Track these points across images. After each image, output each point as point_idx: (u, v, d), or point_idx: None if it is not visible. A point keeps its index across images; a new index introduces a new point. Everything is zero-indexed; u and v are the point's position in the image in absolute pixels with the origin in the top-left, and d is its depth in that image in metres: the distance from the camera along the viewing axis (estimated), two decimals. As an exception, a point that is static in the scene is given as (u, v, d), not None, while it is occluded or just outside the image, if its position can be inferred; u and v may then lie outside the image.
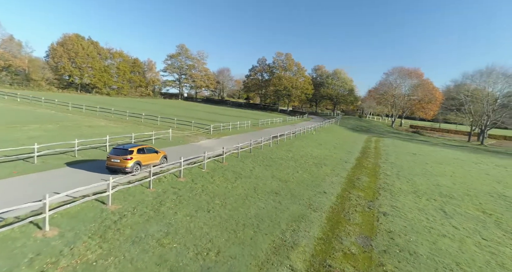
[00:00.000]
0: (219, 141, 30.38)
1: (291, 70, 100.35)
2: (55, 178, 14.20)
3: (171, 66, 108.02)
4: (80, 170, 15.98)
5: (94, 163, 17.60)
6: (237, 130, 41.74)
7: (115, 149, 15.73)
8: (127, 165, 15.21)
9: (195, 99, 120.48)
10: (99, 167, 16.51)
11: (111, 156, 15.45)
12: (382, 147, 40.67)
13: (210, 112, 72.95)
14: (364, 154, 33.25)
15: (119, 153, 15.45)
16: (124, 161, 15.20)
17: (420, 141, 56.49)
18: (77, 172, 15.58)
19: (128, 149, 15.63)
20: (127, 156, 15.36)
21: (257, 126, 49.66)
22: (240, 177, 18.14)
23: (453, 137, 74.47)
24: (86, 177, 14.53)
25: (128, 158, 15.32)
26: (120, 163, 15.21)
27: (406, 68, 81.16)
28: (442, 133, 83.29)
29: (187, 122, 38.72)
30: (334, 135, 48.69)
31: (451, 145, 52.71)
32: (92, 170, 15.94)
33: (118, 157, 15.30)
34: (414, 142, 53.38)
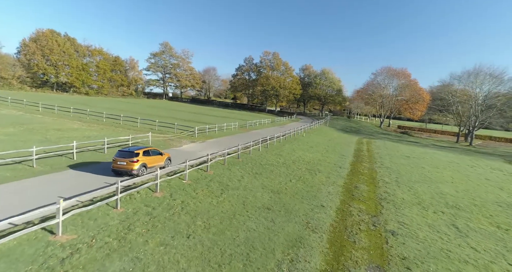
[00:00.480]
0: (204, 145, 28.08)
1: (278, 69, 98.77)
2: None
3: (155, 64, 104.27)
4: (32, 184, 13.40)
5: (54, 176, 15.03)
6: (224, 132, 39.49)
7: (121, 152, 15.77)
8: (133, 167, 15.27)
9: (180, 99, 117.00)
10: (62, 182, 13.99)
11: (117, 158, 15.43)
12: (375, 149, 39.42)
13: (195, 112, 70.24)
14: (357, 157, 31.75)
15: (125, 156, 15.49)
16: (130, 163, 15.27)
17: (410, 142, 55.93)
18: (25, 189, 12.98)
19: (134, 152, 15.73)
20: (133, 159, 15.39)
21: (245, 128, 47.56)
22: (227, 189, 15.98)
23: (440, 137, 74.82)
24: (36, 196, 12.00)
25: (135, 161, 15.37)
26: (126, 166, 15.28)
27: (394, 68, 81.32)
28: (429, 133, 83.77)
29: (170, 124, 36.16)
30: (324, 137, 47.21)
31: (441, 146, 52.33)
32: (50, 185, 13.41)
33: (124, 159, 15.33)
34: (404, 143, 52.68)
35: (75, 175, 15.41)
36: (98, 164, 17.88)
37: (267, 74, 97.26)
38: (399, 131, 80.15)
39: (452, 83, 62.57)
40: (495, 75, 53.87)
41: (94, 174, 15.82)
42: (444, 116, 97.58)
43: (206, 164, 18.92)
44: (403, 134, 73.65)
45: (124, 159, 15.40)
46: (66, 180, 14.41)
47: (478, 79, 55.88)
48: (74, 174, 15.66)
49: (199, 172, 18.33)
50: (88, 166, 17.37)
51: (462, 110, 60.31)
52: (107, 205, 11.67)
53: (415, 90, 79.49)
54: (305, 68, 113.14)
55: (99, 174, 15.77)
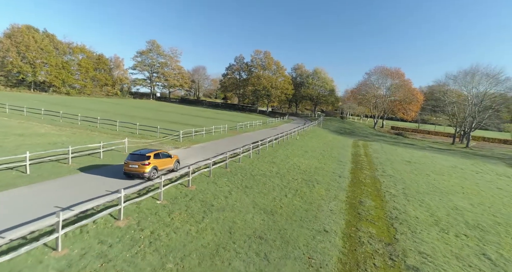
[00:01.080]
0: (189, 152, 25.22)
1: (270, 69, 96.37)
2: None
3: (141, 63, 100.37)
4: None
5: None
6: (212, 135, 36.65)
7: (132, 155, 16.00)
8: (145, 170, 15.49)
9: (168, 99, 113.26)
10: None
11: (128, 161, 15.63)
12: (373, 153, 37.27)
13: (183, 113, 67.06)
14: (356, 163, 29.43)
15: (136, 159, 15.69)
16: (142, 166, 15.47)
17: (407, 144, 54.22)
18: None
19: (146, 155, 15.92)
20: (145, 162, 15.60)
21: (235, 131, 44.79)
22: (210, 210, 13.24)
23: (435, 139, 73.70)
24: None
25: (146, 164, 15.58)
26: (138, 169, 15.47)
27: (387, 68, 79.91)
28: (423, 134, 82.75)
29: (153, 127, 33.06)
30: (319, 140, 44.88)
31: (438, 149, 50.75)
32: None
33: (136, 162, 15.53)
34: (401, 146, 50.88)
35: (19, 196, 12.39)
36: (54, 181, 14.85)
37: (258, 73, 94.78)
38: (393, 132, 78.75)
39: (448, 83, 61.34)
40: (492, 75, 52.68)
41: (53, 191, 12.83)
42: (438, 117, 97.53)
43: (188, 177, 16.11)
44: (398, 135, 72.19)
45: (136, 162, 15.56)
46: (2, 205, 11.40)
47: (474, 79, 54.65)
48: (18, 193, 12.63)
49: (178, 188, 15.51)
50: (43, 182, 14.34)
51: (458, 111, 59.03)
52: (45, 246, 8.75)
53: (409, 90, 78.27)
54: (297, 68, 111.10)
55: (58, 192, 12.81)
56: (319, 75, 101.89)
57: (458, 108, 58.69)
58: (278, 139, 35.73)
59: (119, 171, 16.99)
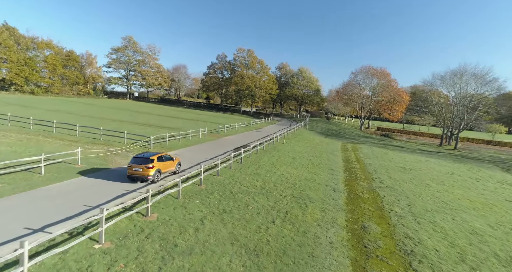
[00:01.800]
0: (158, 163, 21.45)
1: (253, 68, 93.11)
2: None
3: (116, 61, 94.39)
4: None
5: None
6: (189, 141, 32.88)
7: (136, 158, 16.13)
8: (149, 173, 15.67)
9: (147, 99, 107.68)
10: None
11: (132, 165, 15.74)
12: (364, 159, 34.75)
13: (161, 115, 62.58)
14: (350, 172, 26.61)
15: (140, 162, 15.82)
16: (146, 169, 15.61)
17: (396, 147, 52.46)
18: None
19: (149, 158, 16.04)
20: (149, 165, 15.74)
21: (216, 134, 41.15)
22: (171, 255, 9.70)
23: (421, 140, 73.02)
24: None
25: (150, 167, 15.72)
26: (142, 172, 15.62)
27: (373, 67, 78.52)
28: (409, 135, 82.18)
29: (120, 132, 28.89)
30: (306, 144, 42.02)
31: (428, 152, 49.21)
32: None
33: (140, 166, 15.65)
34: (391, 149, 48.95)
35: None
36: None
37: (242, 72, 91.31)
38: (379, 133, 77.49)
39: (435, 83, 60.25)
40: (480, 76, 51.82)
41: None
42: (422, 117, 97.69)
43: (147, 204, 12.41)
44: (385, 137, 70.82)
45: (140, 165, 15.71)
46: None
47: (462, 79, 53.71)
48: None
49: (132, 219, 11.84)
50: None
51: (445, 112, 58.08)
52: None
53: (395, 90, 77.27)
54: (282, 67, 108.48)
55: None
56: (304, 75, 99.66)
57: (445, 109, 57.74)
58: (263, 143, 32.44)
59: (56, 189, 13.11)
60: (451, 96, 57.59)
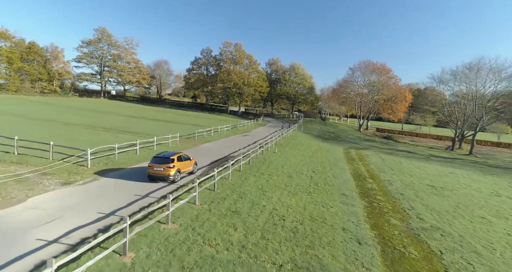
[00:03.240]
0: (82, 195, 13.61)
1: (241, 63, 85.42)
2: None
3: (88, 55, 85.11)
4: None
5: None
6: (151, 152, 25.01)
7: (156, 158, 16.41)
8: (170, 173, 15.97)
9: (125, 98, 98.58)
10: None
11: (153, 164, 16.08)
12: (379, 172, 27.71)
13: (134, 116, 54.27)
14: (368, 198, 19.40)
15: (161, 162, 16.11)
16: (167, 169, 15.92)
17: (404, 152, 45.86)
18: None
19: (170, 158, 16.36)
20: (170, 164, 16.05)
21: (192, 140, 33.41)
22: None
23: (425, 142, 67.01)
24: None
25: (171, 166, 16.04)
26: (163, 172, 15.94)
27: (373, 62, 71.83)
28: (411, 137, 76.21)
29: (45, 144, 20.73)
30: (303, 151, 34.74)
31: (444, 159, 42.74)
32: None
33: (161, 165, 15.96)
34: (400, 155, 42.29)
35: None
36: None
37: (228, 68, 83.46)
38: (380, 135, 71.10)
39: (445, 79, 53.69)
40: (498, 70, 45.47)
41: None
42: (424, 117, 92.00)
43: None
44: (387, 139, 64.37)
45: (161, 165, 15.93)
46: None
47: (479, 74, 47.42)
48: None
49: None
50: None
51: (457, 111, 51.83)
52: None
53: (397, 88, 70.91)
54: (272, 63, 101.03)
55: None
56: (296, 71, 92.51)
57: (458, 109, 51.53)
58: (249, 155, 24.82)
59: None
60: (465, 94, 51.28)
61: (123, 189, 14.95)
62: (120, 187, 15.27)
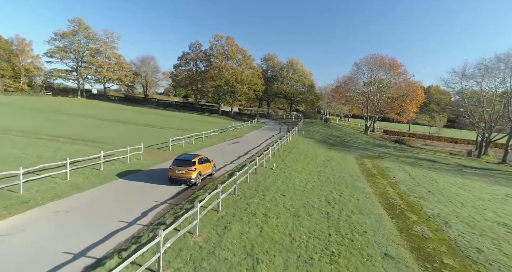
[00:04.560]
0: None
1: (234, 58, 77.56)
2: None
3: (62, 49, 76.54)
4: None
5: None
6: (91, 176, 17.14)
7: (178, 161, 16.37)
8: (192, 176, 15.96)
9: (106, 97, 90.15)
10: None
11: (174, 167, 16.01)
12: (415, 198, 20.28)
13: (105, 119, 46.20)
14: (425, 258, 11.87)
15: (183, 165, 16.09)
16: (189, 172, 15.91)
17: (427, 162, 38.63)
18: None
19: (192, 160, 16.33)
20: (192, 167, 16.02)
21: (164, 152, 25.59)
22: None
23: (440, 146, 59.96)
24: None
25: (193, 169, 16.03)
26: (185, 174, 15.91)
27: (382, 56, 64.29)
28: (423, 140, 69.10)
29: None
30: (309, 165, 27.17)
31: (478, 170, 35.60)
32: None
33: (183, 168, 15.95)
34: (425, 166, 35.03)
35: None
36: None
37: (219, 64, 75.48)
38: (389, 138, 63.77)
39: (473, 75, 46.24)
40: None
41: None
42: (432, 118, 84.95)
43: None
44: (399, 143, 57.04)
45: (183, 167, 15.94)
46: None
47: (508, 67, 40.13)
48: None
49: None
50: None
51: (489, 112, 44.62)
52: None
53: (409, 85, 63.55)
54: (268, 58, 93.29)
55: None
56: (295, 67, 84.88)
57: (489, 109, 44.35)
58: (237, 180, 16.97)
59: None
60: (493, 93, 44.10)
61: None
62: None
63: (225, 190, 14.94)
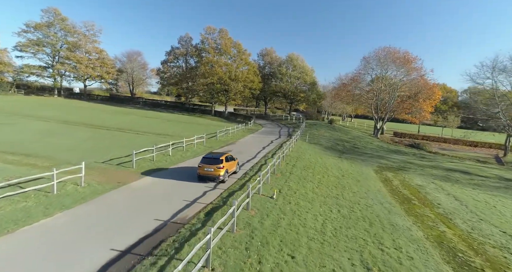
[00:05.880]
0: None
1: (228, 53, 70.33)
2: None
3: (35, 42, 68.96)
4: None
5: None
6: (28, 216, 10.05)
7: (206, 159, 17.07)
8: (220, 173, 16.54)
9: (86, 97, 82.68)
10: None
11: (203, 165, 16.70)
12: (486, 242, 13.68)
13: (70, 122, 39.01)
14: None
15: (211, 162, 16.71)
16: (217, 169, 16.49)
17: (461, 174, 32.02)
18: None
19: (220, 158, 16.94)
20: (220, 165, 16.59)
21: (126, 170, 18.54)
22: None
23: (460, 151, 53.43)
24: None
25: (221, 167, 16.59)
26: (214, 172, 16.52)
27: (396, 49, 57.38)
28: (439, 143, 62.45)
29: None
30: (320, 186, 20.34)
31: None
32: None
33: (212, 166, 16.55)
34: (463, 182, 28.40)
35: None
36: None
37: (211, 59, 68.23)
38: (401, 142, 57.04)
39: (505, 68, 39.65)
40: None
41: None
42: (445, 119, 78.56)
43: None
44: (415, 148, 50.33)
45: (211, 165, 16.54)
46: None
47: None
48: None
49: None
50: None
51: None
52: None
53: (425, 83, 56.77)
54: (265, 54, 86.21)
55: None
56: (295, 63, 77.86)
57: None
58: (209, 238, 10.01)
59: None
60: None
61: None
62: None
63: (200, 251, 7.95)
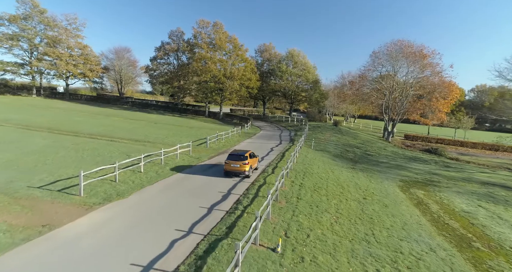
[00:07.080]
0: None
1: (223, 48, 64.49)
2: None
3: (9, 37, 62.85)
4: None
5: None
6: None
7: (232, 156, 18.62)
8: (246, 169, 18.23)
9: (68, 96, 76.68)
10: None
11: (230, 161, 18.30)
12: None
13: (32, 127, 33.24)
14: None
15: (237, 159, 18.32)
16: (243, 165, 18.15)
17: (503, 189, 26.59)
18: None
19: (244, 155, 18.58)
20: (245, 161, 18.24)
21: (71, 199, 12.69)
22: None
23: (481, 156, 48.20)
24: None
25: (247, 163, 18.26)
26: (240, 168, 18.16)
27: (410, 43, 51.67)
28: (455, 147, 57.18)
29: None
30: (339, 221, 14.89)
31: None
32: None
33: (238, 162, 18.19)
34: (508, 201, 22.85)
35: None
36: None
37: (204, 55, 62.34)
38: (414, 146, 51.66)
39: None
40: None
41: None
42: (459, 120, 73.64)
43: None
44: (432, 153, 44.84)
45: (237, 162, 18.18)
46: None
47: None
48: None
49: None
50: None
51: None
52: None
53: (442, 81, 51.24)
54: (264, 50, 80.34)
55: None
56: (296, 60, 72.11)
57: None
58: None
59: None
60: None
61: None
62: None
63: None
